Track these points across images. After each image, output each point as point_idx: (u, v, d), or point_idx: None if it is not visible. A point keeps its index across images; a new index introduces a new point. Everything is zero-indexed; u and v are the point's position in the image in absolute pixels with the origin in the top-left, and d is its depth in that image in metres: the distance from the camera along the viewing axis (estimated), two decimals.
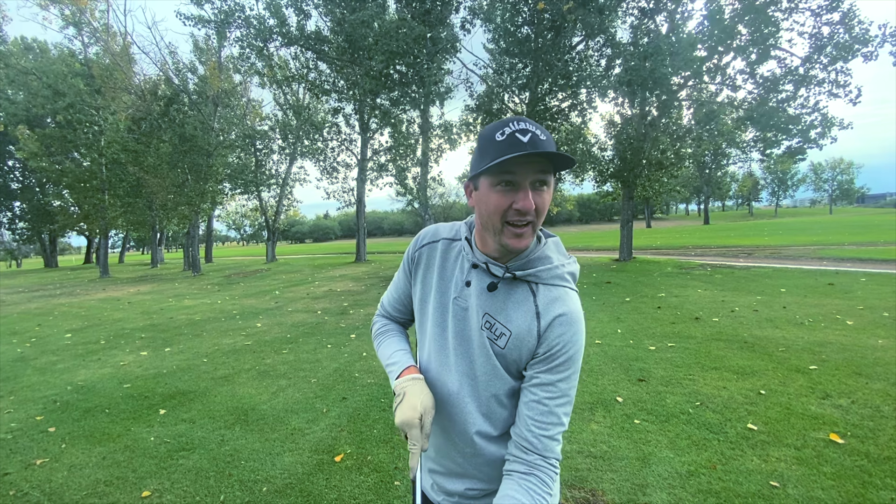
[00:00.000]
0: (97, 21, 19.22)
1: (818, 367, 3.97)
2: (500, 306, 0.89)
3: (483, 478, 0.97)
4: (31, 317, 9.90)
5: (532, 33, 13.65)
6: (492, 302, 0.89)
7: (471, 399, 0.93)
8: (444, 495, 1.02)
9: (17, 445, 3.35)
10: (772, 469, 2.49)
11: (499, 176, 0.80)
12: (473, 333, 0.91)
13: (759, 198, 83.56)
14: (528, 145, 0.77)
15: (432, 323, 0.98)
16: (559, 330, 0.84)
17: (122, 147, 18.51)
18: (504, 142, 0.78)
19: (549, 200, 0.84)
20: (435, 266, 1.00)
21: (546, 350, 0.85)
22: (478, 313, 0.90)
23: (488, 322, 0.89)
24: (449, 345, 0.95)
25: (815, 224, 33.40)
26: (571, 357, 0.85)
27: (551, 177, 0.82)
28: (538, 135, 0.78)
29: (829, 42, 11.02)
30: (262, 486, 2.63)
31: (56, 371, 5.36)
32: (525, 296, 0.88)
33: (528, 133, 0.78)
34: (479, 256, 0.92)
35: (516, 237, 0.83)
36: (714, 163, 50.22)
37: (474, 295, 0.91)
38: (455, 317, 0.94)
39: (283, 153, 24.85)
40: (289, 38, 14.45)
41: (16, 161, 31.30)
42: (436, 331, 0.97)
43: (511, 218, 0.82)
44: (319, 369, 4.81)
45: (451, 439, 0.97)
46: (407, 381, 0.93)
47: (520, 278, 0.88)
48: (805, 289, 7.73)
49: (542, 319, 0.85)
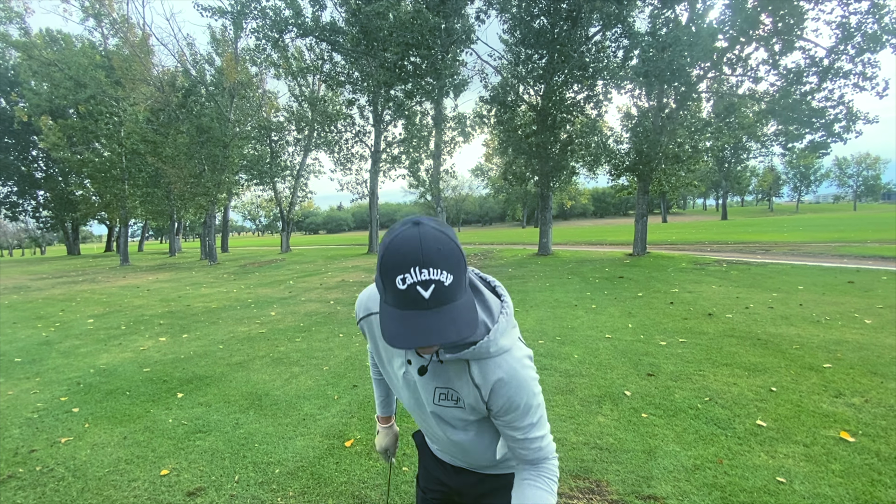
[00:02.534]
0: (116, 12, 19.51)
1: (833, 365, 3.92)
2: (445, 378, 0.93)
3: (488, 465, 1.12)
4: (56, 302, 10.22)
5: (548, 23, 13.48)
6: (436, 376, 0.93)
7: (450, 445, 1.06)
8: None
9: (43, 424, 3.50)
10: (779, 465, 2.49)
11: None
12: (428, 407, 0.98)
13: (780, 193, 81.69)
14: (431, 301, 0.68)
15: (395, 389, 1.06)
16: (501, 392, 0.87)
17: (142, 138, 18.88)
18: (403, 293, 0.68)
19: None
20: (378, 340, 1.02)
21: (497, 408, 0.90)
22: (428, 388, 0.95)
23: (442, 393, 0.94)
24: (412, 406, 1.04)
25: (837, 220, 32.56)
26: (524, 405, 0.89)
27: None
28: (443, 282, 0.68)
29: (857, 32, 10.66)
30: (274, 468, 2.71)
31: (79, 355, 5.55)
32: (461, 370, 0.90)
33: (430, 285, 0.67)
34: None
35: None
36: (734, 157, 49.14)
37: (416, 371, 0.94)
38: (408, 387, 0.99)
39: (297, 145, 25.06)
40: (304, 29, 14.51)
41: (39, 151, 32.12)
42: (404, 394, 1.03)
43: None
44: (331, 357, 4.90)
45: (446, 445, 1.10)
46: (378, 430, 1.39)
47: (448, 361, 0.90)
48: (823, 286, 7.58)
49: (483, 390, 0.89)
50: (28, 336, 6.74)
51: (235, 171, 21.95)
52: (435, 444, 1.17)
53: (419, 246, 0.68)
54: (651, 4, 12.70)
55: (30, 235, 61.41)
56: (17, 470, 2.80)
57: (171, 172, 18.51)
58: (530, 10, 13.38)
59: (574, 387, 3.72)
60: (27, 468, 2.82)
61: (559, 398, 3.51)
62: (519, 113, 15.95)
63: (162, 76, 19.86)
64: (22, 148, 32.71)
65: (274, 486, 2.54)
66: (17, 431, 3.38)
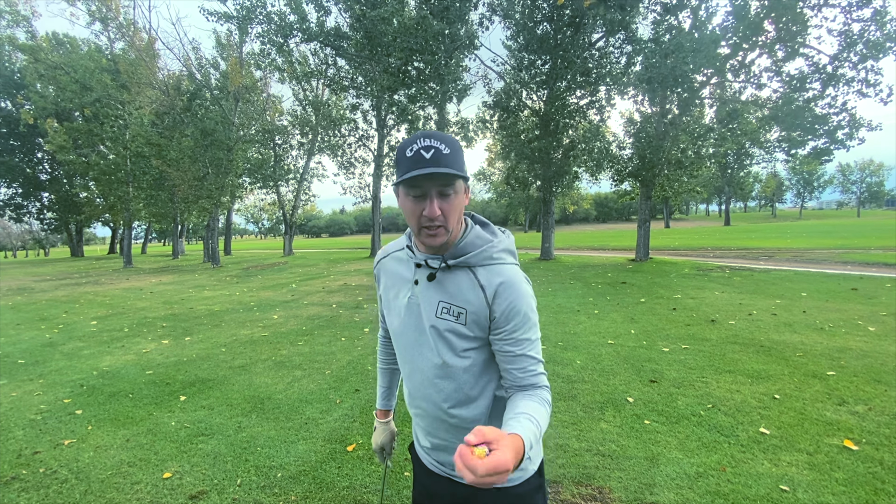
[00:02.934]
0: (122, 17, 19.69)
1: (836, 372, 3.91)
2: (452, 291, 1.02)
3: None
4: (59, 304, 10.26)
5: (551, 29, 13.54)
6: (442, 290, 1.02)
7: (439, 380, 1.06)
8: (442, 466, 1.16)
9: (46, 426, 3.51)
10: (782, 473, 2.48)
11: (409, 189, 0.94)
12: (428, 323, 1.03)
13: (783, 199, 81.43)
14: (431, 162, 0.89)
15: (397, 325, 1.12)
16: (504, 295, 0.98)
17: (146, 141, 19.00)
18: (411, 158, 0.90)
19: (459, 203, 0.97)
20: (389, 277, 1.15)
21: (500, 314, 0.98)
22: (432, 303, 1.03)
23: (445, 307, 1.02)
24: (410, 339, 1.09)
25: (840, 227, 32.46)
26: (524, 313, 0.98)
27: (455, 184, 0.94)
28: (441, 150, 0.90)
29: (860, 39, 10.67)
30: (276, 472, 2.72)
31: (82, 357, 5.57)
32: (468, 278, 1.01)
33: (431, 149, 0.89)
34: (419, 256, 1.05)
35: (430, 237, 0.96)
36: (736, 162, 49.11)
37: (423, 289, 1.05)
38: (410, 313, 1.07)
39: (301, 148, 25.16)
40: (309, 34, 14.61)
41: (45, 153, 32.33)
42: (399, 330, 1.12)
43: (423, 223, 0.95)
44: (333, 361, 4.90)
45: (435, 416, 1.10)
46: (375, 426, 1.39)
47: (454, 266, 1.01)
48: (827, 293, 7.56)
49: (487, 291, 0.99)
50: (32, 338, 6.77)
51: (239, 174, 22.04)
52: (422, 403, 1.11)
53: (423, 132, 0.92)
54: (654, 11, 12.76)
55: (34, 237, 61.70)
56: (20, 472, 2.81)
57: (175, 175, 18.60)
58: (533, 16, 13.44)
59: (576, 393, 3.72)
60: (30, 470, 2.83)
61: (561, 404, 3.50)
62: (522, 118, 16.00)
63: (167, 80, 20.00)
64: (27, 150, 32.93)
65: (276, 489, 2.54)
66: (20, 433, 3.39)
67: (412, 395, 1.14)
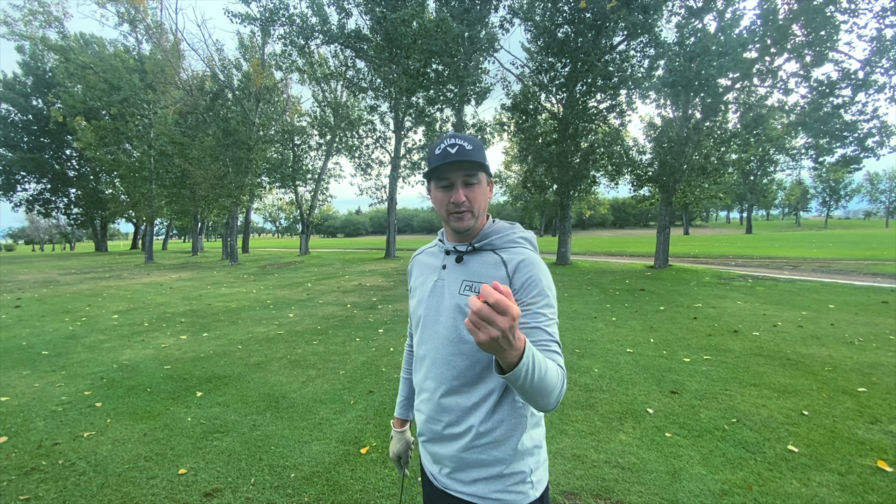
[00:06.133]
0: (150, 18, 20.17)
1: (868, 389, 3.74)
2: (474, 270, 1.10)
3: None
4: (83, 297, 10.51)
5: (572, 32, 13.41)
6: (467, 270, 1.11)
7: (454, 357, 1.07)
8: (437, 465, 1.13)
9: (66, 418, 3.57)
10: (812, 494, 2.37)
11: (438, 181, 1.08)
12: (450, 301, 1.09)
13: (808, 207, 79.34)
14: (455, 156, 1.03)
15: (421, 310, 1.17)
16: (523, 269, 1.04)
17: (170, 139, 19.40)
18: (439, 155, 1.04)
19: (482, 191, 1.10)
20: (420, 269, 1.25)
21: (520, 285, 1.03)
22: (456, 283, 1.10)
23: (468, 285, 1.08)
24: (430, 319, 1.13)
25: (868, 237, 31.43)
26: (542, 288, 1.02)
27: (478, 174, 1.07)
28: (465, 146, 1.04)
29: (893, 45, 10.33)
30: (290, 472, 2.70)
31: (104, 350, 5.68)
32: (492, 258, 1.09)
33: (456, 146, 1.03)
34: (448, 244, 1.17)
35: (458, 220, 1.09)
36: (760, 169, 47.99)
37: (449, 271, 1.13)
38: (434, 294, 1.14)
39: (319, 149, 25.40)
40: (329, 35, 14.75)
41: (73, 150, 33.29)
42: (422, 312, 1.17)
43: (451, 209, 1.08)
44: (348, 362, 4.90)
45: (437, 401, 1.10)
46: (392, 434, 1.43)
47: (479, 248, 1.11)
48: (856, 306, 7.29)
49: (509, 266, 1.06)
50: (55, 329, 6.94)
51: (259, 173, 22.35)
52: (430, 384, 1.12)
53: (450, 133, 1.13)
54: (678, 14, 12.54)
55: (61, 231, 63.59)
56: (40, 462, 2.86)
57: (196, 174, 18.94)
58: (554, 19, 13.33)
59: (594, 402, 3.63)
60: (50, 461, 2.87)
61: (579, 413, 3.42)
62: (540, 121, 15.88)
63: (191, 80, 20.41)
64: (56, 147, 33.97)
65: (289, 490, 2.52)
66: (41, 424, 3.45)
67: (423, 378, 1.15)
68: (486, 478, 1.04)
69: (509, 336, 0.71)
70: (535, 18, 13.60)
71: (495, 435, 1.03)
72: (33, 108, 32.58)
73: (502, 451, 1.03)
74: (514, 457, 1.03)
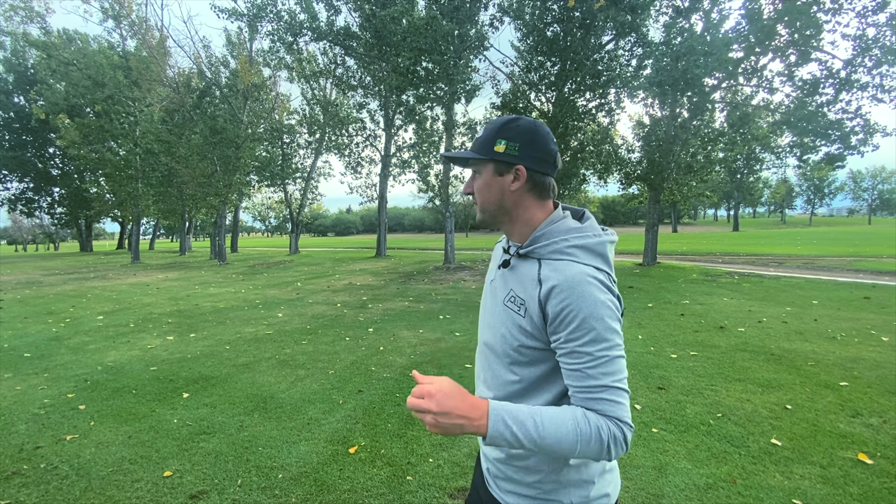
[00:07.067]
0: (135, 14, 19.84)
1: (849, 383, 3.82)
2: (517, 279, 0.97)
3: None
4: (67, 298, 10.33)
5: (561, 31, 13.46)
6: (514, 278, 0.98)
7: (487, 365, 1.05)
8: (486, 462, 1.09)
9: (49, 421, 3.50)
10: (795, 486, 2.41)
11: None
12: (499, 307, 1.00)
13: (793, 205, 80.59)
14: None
15: (485, 299, 1.14)
16: (557, 296, 0.86)
17: (156, 137, 19.13)
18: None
19: (486, 183, 0.98)
20: (493, 259, 1.17)
21: (553, 316, 0.87)
22: (505, 289, 1.00)
23: (512, 296, 0.97)
24: (486, 319, 1.08)
25: (852, 234, 32.04)
26: (584, 320, 0.83)
27: (478, 166, 1.00)
28: (475, 140, 0.99)
29: (875, 44, 10.51)
30: (277, 472, 2.69)
31: (88, 351, 5.58)
32: (532, 268, 0.94)
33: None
34: (507, 241, 1.08)
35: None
36: (746, 167, 48.63)
37: (501, 273, 1.04)
38: (490, 292, 1.08)
39: (308, 147, 25.22)
40: (318, 32, 14.62)
41: (56, 149, 32.66)
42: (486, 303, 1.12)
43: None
44: (337, 361, 4.87)
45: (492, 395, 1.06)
46: None
47: (524, 255, 0.97)
48: (839, 301, 7.43)
49: (543, 287, 0.89)
50: (38, 331, 6.81)
51: (247, 172, 22.13)
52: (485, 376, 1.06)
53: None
54: (665, 14, 12.65)
55: (44, 231, 62.40)
56: (21, 466, 2.80)
57: (183, 172, 18.70)
58: (544, 17, 13.37)
59: None
60: (31, 465, 2.82)
61: None
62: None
63: (177, 77, 20.12)
64: (39, 145, 33.29)
65: (276, 491, 2.51)
66: (23, 427, 3.39)
67: (477, 372, 1.12)
68: (522, 494, 0.98)
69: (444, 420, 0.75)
70: (524, 17, 13.62)
71: (528, 462, 0.95)
72: (15, 106, 31.89)
73: (538, 477, 0.95)
74: (556, 487, 0.94)
